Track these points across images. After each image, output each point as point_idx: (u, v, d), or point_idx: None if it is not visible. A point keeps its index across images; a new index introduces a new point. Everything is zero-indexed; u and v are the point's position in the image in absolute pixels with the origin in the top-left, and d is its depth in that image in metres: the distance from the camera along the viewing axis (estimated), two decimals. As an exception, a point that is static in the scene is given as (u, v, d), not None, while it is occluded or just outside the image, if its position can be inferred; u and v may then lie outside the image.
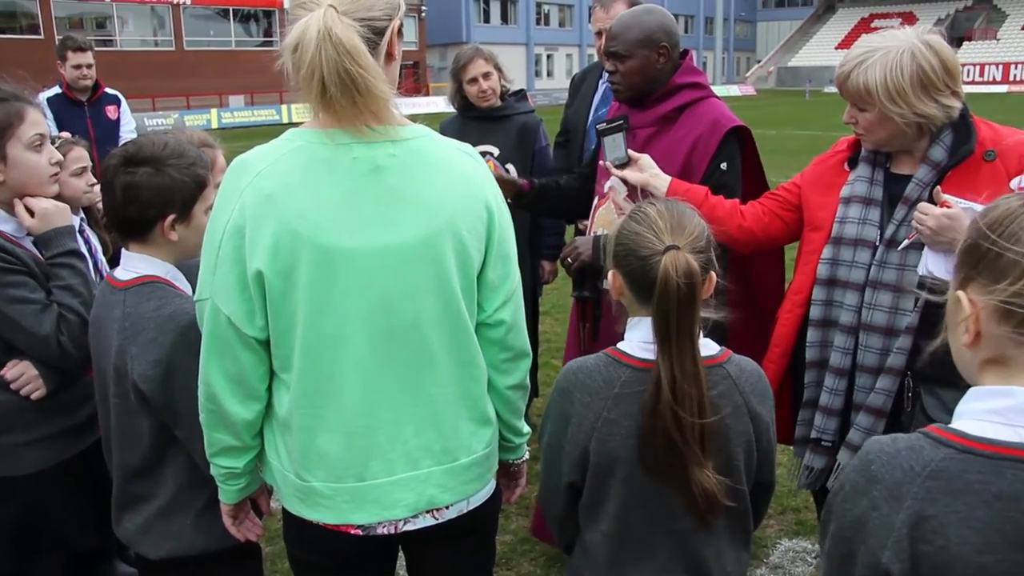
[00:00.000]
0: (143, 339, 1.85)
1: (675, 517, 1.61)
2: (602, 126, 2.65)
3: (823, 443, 2.34)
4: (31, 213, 2.17)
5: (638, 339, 1.63)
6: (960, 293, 1.10)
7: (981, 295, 1.08)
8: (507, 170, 3.89)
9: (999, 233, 1.06)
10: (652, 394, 1.53)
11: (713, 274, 1.59)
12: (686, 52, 2.75)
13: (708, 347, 1.62)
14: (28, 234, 2.18)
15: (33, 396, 2.14)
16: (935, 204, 2.03)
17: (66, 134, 3.05)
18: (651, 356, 1.57)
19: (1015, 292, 1.04)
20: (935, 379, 2.08)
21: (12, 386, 2.12)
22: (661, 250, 1.52)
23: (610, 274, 1.65)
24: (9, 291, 2.03)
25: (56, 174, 2.23)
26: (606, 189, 2.77)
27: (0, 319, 2.05)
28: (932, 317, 1.25)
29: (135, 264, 1.95)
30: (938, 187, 2.07)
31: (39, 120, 2.15)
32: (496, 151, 3.87)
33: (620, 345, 1.66)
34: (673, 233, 1.55)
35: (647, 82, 2.68)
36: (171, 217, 1.91)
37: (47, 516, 2.24)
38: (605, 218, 2.78)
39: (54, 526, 2.26)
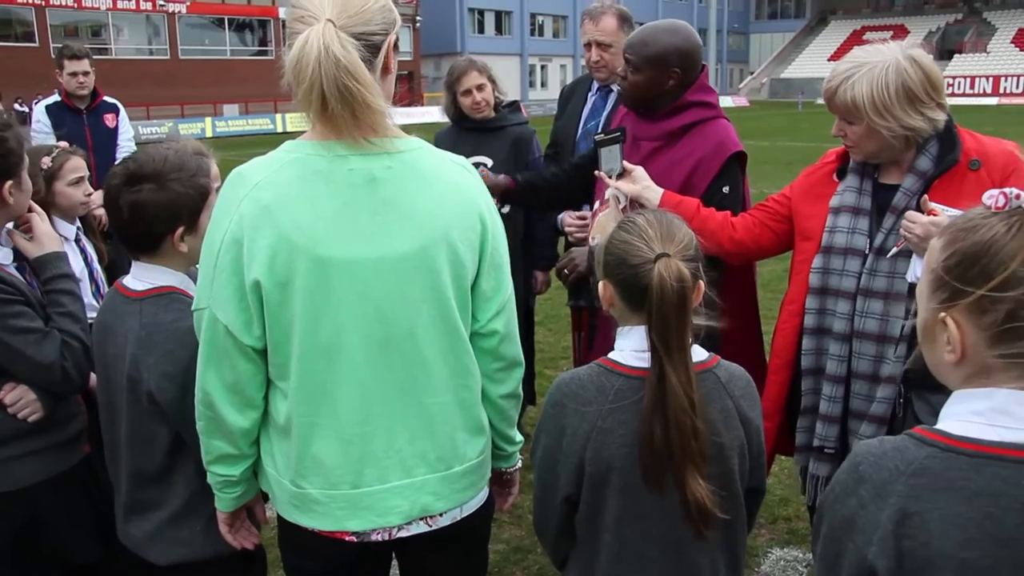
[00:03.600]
0: (160, 351, 1.87)
1: (671, 527, 1.61)
2: (600, 137, 2.67)
3: (826, 450, 2.37)
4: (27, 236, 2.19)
5: (630, 348, 1.64)
6: (946, 316, 1.11)
7: (969, 318, 1.09)
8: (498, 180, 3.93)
9: (989, 258, 1.07)
10: (649, 401, 1.54)
11: (701, 283, 1.61)
12: (702, 68, 2.76)
13: (697, 353, 1.64)
14: (14, 261, 2.18)
15: (31, 419, 2.13)
16: (922, 212, 2.06)
17: (64, 144, 3.06)
18: (643, 364, 1.59)
19: (1007, 318, 1.06)
20: (925, 384, 2.11)
21: (10, 410, 2.11)
22: (652, 258, 1.54)
23: (601, 284, 1.67)
24: (11, 322, 2.02)
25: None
26: (607, 196, 2.79)
27: (3, 349, 2.04)
28: None
29: (149, 275, 1.97)
30: (925, 196, 2.10)
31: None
32: (490, 162, 3.89)
33: (611, 355, 1.67)
34: (663, 241, 1.57)
35: (651, 98, 2.71)
36: (180, 229, 1.93)
37: (46, 530, 2.24)
38: (603, 225, 2.79)
39: (52, 540, 2.25)
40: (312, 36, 1.46)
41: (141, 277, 1.97)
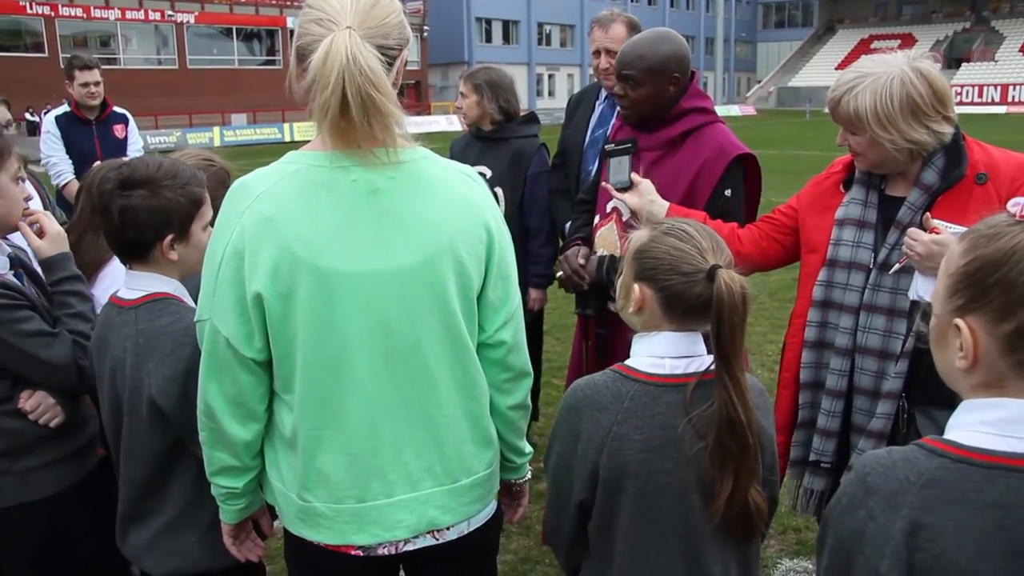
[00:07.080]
0: (159, 354, 1.87)
1: (686, 535, 1.61)
2: (610, 147, 2.66)
3: (822, 465, 2.34)
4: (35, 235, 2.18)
5: (647, 354, 1.64)
6: (960, 322, 1.11)
7: (984, 325, 1.09)
8: (495, 193, 3.91)
9: (1010, 267, 1.06)
10: (721, 408, 1.53)
11: None
12: (692, 74, 2.76)
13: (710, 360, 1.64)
14: (11, 268, 2.19)
15: (53, 424, 2.14)
16: (924, 229, 2.04)
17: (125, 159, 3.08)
18: (659, 371, 1.60)
19: None
20: (929, 400, 2.09)
21: (31, 416, 2.11)
22: (705, 268, 1.56)
23: (636, 287, 1.64)
24: (21, 326, 2.03)
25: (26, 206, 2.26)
26: (609, 209, 2.78)
27: (16, 355, 2.04)
28: (926, 340, 1.26)
29: (141, 282, 1.96)
30: (927, 213, 2.08)
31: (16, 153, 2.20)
32: (489, 172, 3.88)
33: (628, 361, 1.67)
34: (714, 253, 1.59)
35: (655, 109, 2.70)
36: (169, 237, 1.92)
37: (67, 538, 2.24)
38: (607, 239, 2.78)
39: (74, 547, 2.26)
40: (338, 43, 1.45)
41: (134, 286, 1.97)
